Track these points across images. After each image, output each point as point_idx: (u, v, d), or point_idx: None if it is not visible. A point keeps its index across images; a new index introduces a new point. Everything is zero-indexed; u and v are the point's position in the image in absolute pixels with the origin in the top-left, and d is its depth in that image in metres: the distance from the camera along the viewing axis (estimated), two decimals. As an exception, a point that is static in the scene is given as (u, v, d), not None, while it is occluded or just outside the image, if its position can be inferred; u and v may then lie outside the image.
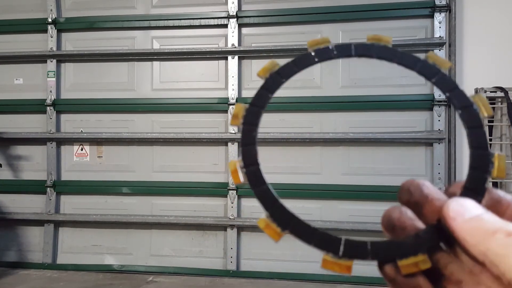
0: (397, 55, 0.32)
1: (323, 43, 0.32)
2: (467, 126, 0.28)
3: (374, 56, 0.32)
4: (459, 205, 0.25)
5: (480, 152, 0.27)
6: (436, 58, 0.31)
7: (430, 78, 0.30)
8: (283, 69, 0.32)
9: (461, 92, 0.29)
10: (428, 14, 2.93)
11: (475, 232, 0.23)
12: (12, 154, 3.40)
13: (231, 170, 0.29)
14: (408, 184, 0.29)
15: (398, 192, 0.29)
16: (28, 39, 3.40)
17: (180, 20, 3.19)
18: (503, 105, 2.84)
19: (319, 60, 0.32)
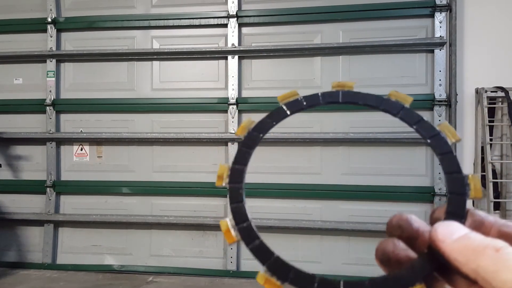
0: (361, 97, 0.33)
1: (292, 96, 0.34)
2: (438, 153, 0.29)
3: (341, 101, 0.34)
4: (446, 227, 0.26)
5: (454, 176, 0.29)
6: (398, 95, 0.33)
7: (395, 114, 0.32)
8: (259, 125, 0.34)
9: (426, 123, 0.31)
10: (429, 14, 2.92)
11: (465, 251, 0.23)
12: (12, 154, 3.39)
13: (223, 231, 0.30)
14: (396, 220, 0.29)
15: (387, 227, 0.30)
16: (28, 38, 3.39)
17: (180, 20, 3.19)
18: (503, 105, 2.83)
19: (291, 112, 0.34)
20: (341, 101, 0.33)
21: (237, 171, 0.32)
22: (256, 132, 0.33)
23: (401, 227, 0.29)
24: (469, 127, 2.96)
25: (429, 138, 0.30)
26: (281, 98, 0.34)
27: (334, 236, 3.01)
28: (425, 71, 2.95)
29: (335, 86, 0.34)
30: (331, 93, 0.34)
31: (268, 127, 0.34)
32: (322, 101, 0.34)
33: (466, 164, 2.96)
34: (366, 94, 0.33)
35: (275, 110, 0.34)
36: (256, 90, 3.12)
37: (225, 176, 0.32)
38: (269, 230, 3.04)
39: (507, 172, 2.91)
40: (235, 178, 0.32)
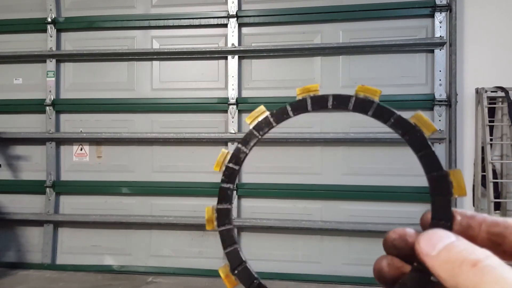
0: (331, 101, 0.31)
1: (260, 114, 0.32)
2: (416, 152, 0.27)
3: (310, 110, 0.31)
4: (428, 239, 0.24)
5: (434, 175, 0.26)
6: (365, 89, 0.30)
7: (366, 113, 0.29)
8: (233, 156, 0.32)
9: (399, 118, 0.28)
10: (429, 14, 2.92)
11: (445, 266, 0.22)
12: (12, 154, 3.39)
13: (222, 277, 0.30)
14: (391, 240, 0.28)
15: (384, 245, 0.29)
16: (28, 38, 3.39)
17: (180, 20, 3.18)
18: (503, 105, 2.83)
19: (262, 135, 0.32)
20: (310, 109, 0.31)
21: (223, 211, 0.31)
22: (233, 164, 0.32)
23: (396, 247, 0.28)
24: (469, 127, 2.95)
25: (405, 134, 0.28)
26: (249, 119, 0.32)
27: (334, 236, 3.00)
28: (425, 71, 2.95)
29: (301, 93, 0.31)
30: (299, 102, 0.31)
31: (243, 155, 0.32)
32: (291, 114, 0.31)
33: (466, 164, 2.96)
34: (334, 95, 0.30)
35: (246, 134, 0.32)
36: (256, 90, 3.12)
37: (213, 219, 0.31)
38: (269, 230, 3.03)
39: (507, 172, 2.91)
40: (223, 219, 0.31)
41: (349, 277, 2.94)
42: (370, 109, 0.29)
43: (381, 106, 0.29)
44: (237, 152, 0.32)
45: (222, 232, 0.31)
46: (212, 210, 0.31)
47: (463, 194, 0.26)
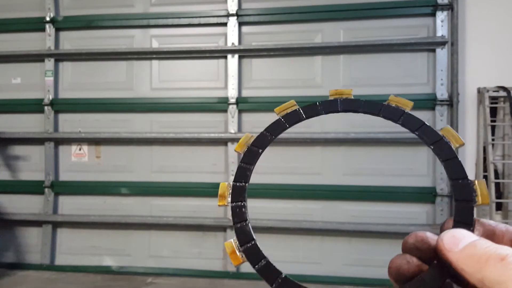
0: (361, 105, 0.33)
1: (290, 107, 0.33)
2: (442, 160, 0.29)
3: (340, 110, 0.33)
4: (452, 236, 0.25)
5: (460, 182, 0.28)
6: (398, 100, 0.32)
7: (396, 120, 0.31)
8: (257, 140, 0.33)
9: (429, 128, 0.30)
10: (430, 13, 2.90)
11: (470, 261, 0.23)
12: (10, 154, 3.37)
13: (228, 252, 0.29)
14: (413, 242, 0.29)
15: (404, 247, 0.29)
16: (26, 38, 3.37)
17: (180, 19, 3.16)
18: (505, 104, 2.81)
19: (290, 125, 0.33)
20: (340, 110, 0.32)
21: (239, 189, 0.31)
22: (255, 147, 0.32)
23: (419, 249, 0.28)
24: (471, 127, 2.93)
25: (432, 144, 0.30)
26: (278, 110, 0.33)
27: (335, 236, 2.99)
28: (427, 70, 2.93)
29: (333, 94, 0.33)
30: (330, 102, 0.33)
31: (267, 141, 0.32)
32: (322, 111, 0.33)
33: (468, 164, 2.94)
34: (365, 101, 0.32)
35: (273, 123, 0.33)
36: (256, 90, 3.10)
37: (226, 195, 0.31)
38: (269, 230, 3.01)
39: (509, 172, 2.89)
40: (237, 196, 0.31)
41: (350, 277, 2.92)
42: (400, 118, 0.31)
43: (411, 116, 0.31)
44: (262, 137, 0.32)
45: (234, 208, 0.31)
46: (227, 186, 0.31)
47: (487, 202, 0.27)
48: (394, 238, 2.87)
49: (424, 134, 0.30)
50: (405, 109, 0.32)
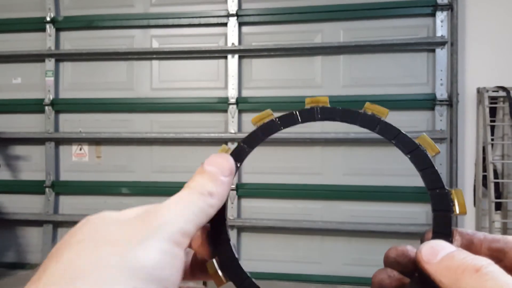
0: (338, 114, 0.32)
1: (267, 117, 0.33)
2: (419, 169, 0.29)
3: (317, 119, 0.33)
4: (430, 247, 0.25)
5: (437, 192, 0.28)
6: (374, 107, 0.31)
7: (373, 129, 0.31)
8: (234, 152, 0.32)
9: (405, 136, 0.30)
10: (430, 13, 2.90)
11: (447, 272, 0.23)
12: (11, 154, 3.38)
13: (211, 273, 0.29)
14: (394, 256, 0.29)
15: (385, 262, 0.29)
16: (26, 38, 3.37)
17: (180, 19, 3.17)
18: (505, 104, 2.82)
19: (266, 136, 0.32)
20: (317, 119, 0.32)
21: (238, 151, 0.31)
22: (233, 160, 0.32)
23: (399, 263, 0.28)
24: (470, 127, 2.94)
25: (409, 153, 0.30)
26: (255, 120, 0.33)
27: (335, 236, 2.99)
28: (426, 70, 2.94)
29: (310, 103, 0.33)
30: (307, 110, 0.33)
31: (245, 154, 0.32)
32: (299, 120, 0.33)
33: (467, 164, 2.94)
34: (343, 109, 0.32)
35: (249, 134, 0.32)
36: (256, 90, 3.10)
37: None
38: (269, 230, 3.02)
39: (508, 172, 2.90)
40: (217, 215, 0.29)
41: (350, 277, 2.93)
42: (376, 126, 0.31)
43: (387, 124, 0.31)
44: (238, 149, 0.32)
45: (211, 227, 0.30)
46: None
47: (464, 212, 0.27)
48: (394, 238, 2.88)
49: (400, 142, 0.30)
50: (381, 117, 0.31)
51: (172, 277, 0.23)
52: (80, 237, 0.24)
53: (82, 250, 0.23)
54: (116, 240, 0.23)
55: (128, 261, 0.22)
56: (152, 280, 0.22)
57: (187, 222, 0.25)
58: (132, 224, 0.25)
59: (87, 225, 0.25)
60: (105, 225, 0.25)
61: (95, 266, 0.21)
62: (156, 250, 0.23)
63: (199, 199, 0.27)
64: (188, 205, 0.26)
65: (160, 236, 0.24)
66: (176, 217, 0.25)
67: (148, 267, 0.22)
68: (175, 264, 0.24)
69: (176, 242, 0.24)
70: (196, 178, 0.29)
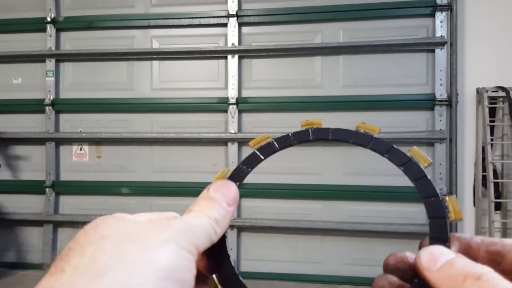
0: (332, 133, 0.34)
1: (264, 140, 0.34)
2: (412, 179, 0.30)
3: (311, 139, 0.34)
4: (429, 253, 0.25)
5: (432, 200, 0.29)
6: (365, 126, 0.33)
7: (365, 145, 0.33)
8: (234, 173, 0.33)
9: (397, 150, 0.31)
10: (430, 13, 2.91)
11: (448, 280, 0.23)
12: (11, 154, 3.38)
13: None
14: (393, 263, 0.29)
15: (385, 268, 0.29)
16: (27, 38, 3.38)
17: (180, 19, 3.17)
18: (504, 104, 2.82)
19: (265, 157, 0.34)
20: (312, 139, 0.34)
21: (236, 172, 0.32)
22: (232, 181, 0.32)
23: (399, 269, 0.29)
24: (470, 127, 2.95)
25: (402, 165, 0.31)
26: (253, 143, 0.34)
27: (334, 236, 3.00)
28: (426, 70, 2.94)
29: (304, 125, 0.35)
30: (301, 132, 0.34)
31: (244, 174, 0.33)
32: (295, 142, 0.35)
33: (467, 164, 2.95)
34: (335, 129, 0.33)
35: (248, 156, 0.34)
36: (256, 90, 3.11)
37: None
38: (269, 230, 3.03)
39: (508, 172, 2.90)
40: None
41: (350, 277, 2.94)
42: (369, 143, 0.32)
43: (379, 140, 0.32)
44: (238, 170, 0.33)
45: None
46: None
47: (459, 218, 0.28)
48: (393, 237, 2.89)
49: (393, 156, 0.31)
50: (373, 134, 0.33)
51: (190, 280, 0.24)
52: (104, 232, 0.24)
53: (107, 246, 0.23)
54: (139, 239, 0.23)
55: (153, 259, 0.22)
56: (174, 280, 0.23)
57: (197, 238, 0.26)
58: (152, 226, 0.25)
59: (108, 222, 0.25)
60: (126, 224, 0.25)
61: (122, 263, 0.22)
62: (177, 253, 0.24)
63: (208, 223, 0.27)
64: (199, 225, 0.27)
65: (179, 240, 0.24)
66: (190, 229, 0.26)
67: (171, 267, 0.23)
68: (192, 269, 0.24)
69: (190, 251, 0.25)
70: (203, 203, 0.29)
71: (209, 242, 0.27)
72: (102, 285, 0.21)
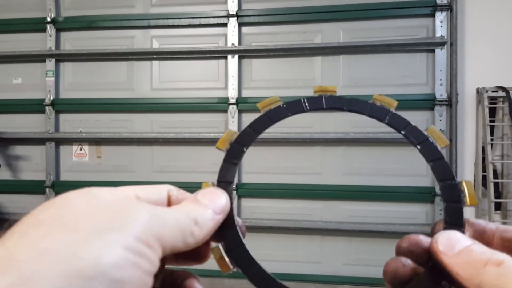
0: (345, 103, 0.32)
1: (274, 103, 0.32)
2: (429, 160, 0.29)
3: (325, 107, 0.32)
4: (447, 238, 0.25)
5: (448, 183, 0.28)
6: (382, 99, 0.31)
7: (382, 119, 0.31)
8: (241, 136, 0.31)
9: (414, 128, 0.30)
10: (430, 13, 2.91)
11: (467, 266, 0.23)
12: (11, 154, 3.38)
13: (216, 259, 0.27)
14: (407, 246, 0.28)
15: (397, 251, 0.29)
16: (27, 38, 3.38)
17: (180, 19, 3.18)
18: (504, 104, 2.82)
19: (274, 122, 0.32)
20: (325, 107, 0.32)
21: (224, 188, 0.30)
22: (238, 145, 0.31)
23: (413, 252, 0.28)
24: (470, 127, 2.95)
25: (418, 144, 0.30)
26: (261, 105, 0.32)
27: (334, 236, 3.00)
28: (426, 70, 2.94)
29: (318, 91, 0.32)
30: (314, 98, 0.32)
31: (250, 139, 0.31)
32: (307, 108, 0.32)
33: (467, 164, 2.95)
34: (350, 99, 0.31)
35: (257, 119, 0.32)
36: (256, 90, 3.11)
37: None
38: (269, 230, 3.03)
39: (508, 172, 2.90)
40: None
41: (350, 277, 2.94)
42: (386, 117, 0.31)
43: (396, 115, 0.31)
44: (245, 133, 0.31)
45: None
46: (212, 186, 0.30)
47: (475, 203, 0.27)
48: (393, 237, 2.89)
49: (410, 134, 0.30)
50: (390, 108, 0.31)
51: (133, 280, 0.21)
52: (42, 217, 0.22)
53: (30, 236, 0.21)
54: (75, 228, 0.21)
55: (75, 254, 0.20)
56: (101, 279, 0.19)
57: (164, 230, 0.23)
58: (106, 211, 0.23)
59: (56, 203, 0.24)
60: (74, 207, 0.23)
61: (34, 257, 0.20)
62: (120, 246, 0.21)
63: (184, 219, 0.25)
64: (171, 217, 0.24)
65: (130, 231, 0.21)
66: (157, 218, 0.23)
67: (101, 264, 0.20)
68: (142, 265, 0.21)
69: (147, 244, 0.22)
70: (186, 203, 0.28)
71: (182, 242, 0.24)
72: (3, 281, 0.19)
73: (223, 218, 0.28)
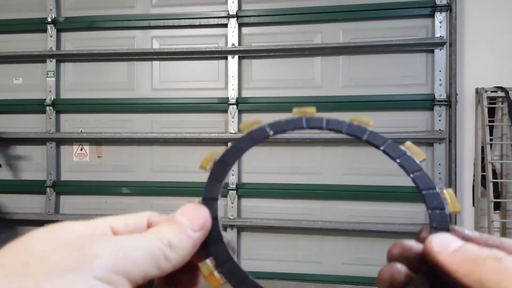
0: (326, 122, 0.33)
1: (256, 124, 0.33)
2: (409, 172, 0.30)
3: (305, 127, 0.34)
4: (441, 239, 0.26)
5: (430, 192, 0.29)
6: (359, 119, 0.33)
7: (360, 137, 0.32)
8: (224, 155, 0.32)
9: (392, 144, 0.32)
10: (429, 14, 2.92)
11: (465, 262, 0.23)
12: (12, 154, 3.39)
13: (205, 275, 0.27)
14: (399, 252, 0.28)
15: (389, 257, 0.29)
16: (28, 38, 3.39)
17: (180, 20, 3.18)
18: (503, 105, 2.83)
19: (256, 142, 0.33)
20: (305, 126, 0.34)
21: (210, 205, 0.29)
22: (222, 163, 0.31)
23: (407, 258, 0.28)
24: (469, 127, 2.95)
25: (398, 158, 0.31)
26: (244, 126, 0.33)
27: (334, 236, 3.01)
28: (425, 71, 2.95)
29: (297, 113, 0.34)
30: (295, 120, 0.34)
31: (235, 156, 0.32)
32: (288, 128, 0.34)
33: (466, 164, 2.96)
34: (330, 119, 0.33)
35: (240, 138, 0.33)
36: (256, 90, 3.12)
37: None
38: (269, 230, 3.03)
39: (507, 172, 2.91)
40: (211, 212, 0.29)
41: (349, 276, 2.94)
42: (364, 135, 0.32)
43: (374, 133, 0.32)
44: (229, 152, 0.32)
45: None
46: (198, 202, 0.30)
47: (457, 210, 0.28)
48: (393, 237, 2.89)
49: (389, 149, 0.32)
50: (367, 127, 0.33)
51: None
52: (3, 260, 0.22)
53: None
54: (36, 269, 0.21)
55: None
56: None
57: (130, 263, 0.22)
58: (66, 250, 0.22)
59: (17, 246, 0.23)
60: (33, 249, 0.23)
61: None
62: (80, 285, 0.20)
63: (155, 245, 0.24)
64: (139, 246, 0.23)
65: (89, 270, 0.21)
66: (116, 252, 0.22)
67: None
68: None
69: (109, 281, 0.21)
70: (162, 224, 0.27)
71: (156, 268, 0.23)
72: None
73: (204, 234, 0.27)
